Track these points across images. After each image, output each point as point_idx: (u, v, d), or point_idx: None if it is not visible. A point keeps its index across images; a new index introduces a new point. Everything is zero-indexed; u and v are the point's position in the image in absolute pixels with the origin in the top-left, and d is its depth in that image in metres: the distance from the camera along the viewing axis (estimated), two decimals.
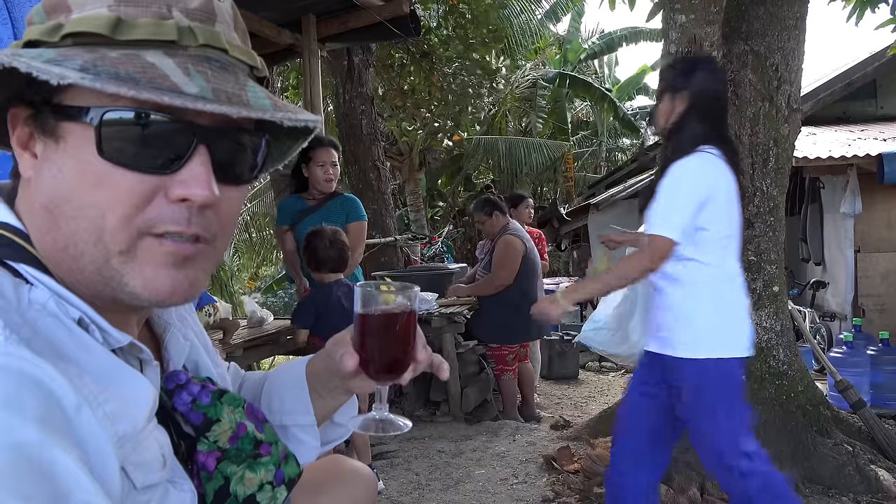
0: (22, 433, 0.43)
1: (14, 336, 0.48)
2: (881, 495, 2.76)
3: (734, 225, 1.99)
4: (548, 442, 3.67)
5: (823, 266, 6.38)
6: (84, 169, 0.56)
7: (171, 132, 0.57)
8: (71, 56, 0.53)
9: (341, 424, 0.95)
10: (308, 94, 4.56)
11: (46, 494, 0.43)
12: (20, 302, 0.53)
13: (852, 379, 3.47)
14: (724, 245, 1.97)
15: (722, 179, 1.93)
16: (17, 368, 0.46)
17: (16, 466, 0.42)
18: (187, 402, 0.68)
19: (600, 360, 6.28)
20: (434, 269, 5.54)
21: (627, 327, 3.43)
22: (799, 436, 2.99)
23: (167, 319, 0.73)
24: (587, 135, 16.43)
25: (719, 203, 1.91)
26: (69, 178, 0.57)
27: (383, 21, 4.37)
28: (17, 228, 0.58)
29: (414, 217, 11.10)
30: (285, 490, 0.72)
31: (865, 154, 5.53)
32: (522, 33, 10.57)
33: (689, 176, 1.91)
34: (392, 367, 0.76)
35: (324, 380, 0.85)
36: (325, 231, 2.91)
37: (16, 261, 0.55)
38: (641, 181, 8.23)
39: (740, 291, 2.00)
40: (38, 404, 0.46)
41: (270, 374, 0.91)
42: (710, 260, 1.94)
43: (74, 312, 0.56)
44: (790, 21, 3.25)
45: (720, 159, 1.93)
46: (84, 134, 0.56)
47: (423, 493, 3.02)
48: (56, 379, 0.48)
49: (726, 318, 1.96)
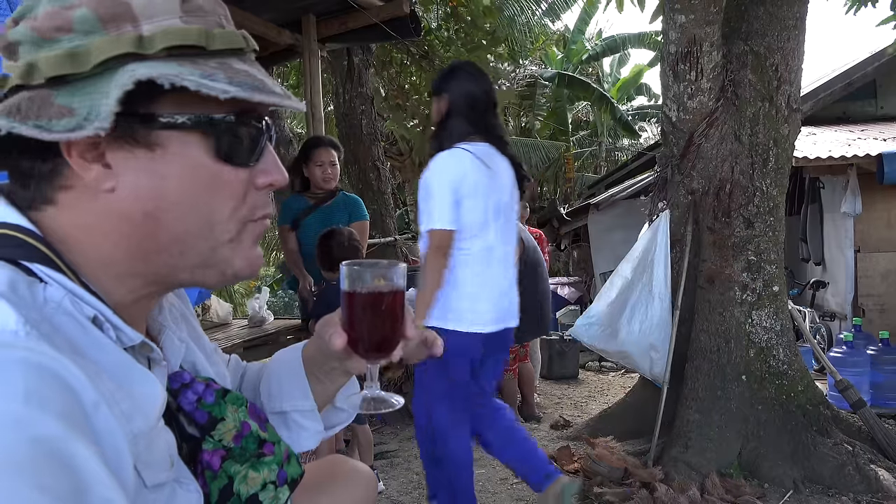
0: (44, 427, 0.44)
1: (34, 331, 0.48)
2: (881, 495, 2.76)
3: (488, 212, 2.20)
4: (548, 442, 3.67)
5: (823, 266, 6.38)
6: (196, 172, 0.60)
7: (256, 128, 0.64)
8: (199, 69, 0.57)
9: (344, 409, 0.95)
10: (308, 94, 4.56)
11: (66, 487, 0.43)
12: (36, 300, 0.53)
13: (852, 379, 3.47)
14: (476, 232, 2.19)
15: (470, 171, 2.16)
16: (38, 363, 0.46)
17: (37, 459, 0.42)
18: (192, 401, 0.69)
19: (600, 360, 6.28)
20: None
21: (617, 324, 3.45)
22: (799, 436, 3.00)
23: (161, 321, 0.73)
24: (587, 135, 16.43)
25: (467, 193, 2.15)
26: (177, 182, 0.60)
27: (380, 24, 4.37)
28: (29, 229, 0.58)
29: (414, 217, 11.11)
30: (287, 490, 0.73)
31: (865, 154, 5.53)
32: (523, 33, 10.57)
33: (438, 171, 2.17)
34: (381, 345, 0.76)
35: (320, 363, 0.85)
36: (342, 232, 2.95)
37: (29, 260, 0.55)
38: (641, 181, 8.24)
39: (490, 276, 2.23)
40: (58, 399, 0.46)
41: (269, 362, 0.92)
42: (463, 245, 2.19)
43: (89, 311, 0.57)
44: (790, 21, 3.25)
45: (471, 154, 2.17)
46: (186, 139, 0.59)
47: (423, 492, 3.02)
48: (76, 375, 0.48)
49: (466, 298, 2.20)
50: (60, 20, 0.56)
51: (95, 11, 0.56)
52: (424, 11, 7.41)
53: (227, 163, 0.62)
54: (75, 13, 0.56)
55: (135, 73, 0.54)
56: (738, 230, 3.23)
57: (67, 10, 0.56)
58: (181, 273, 0.64)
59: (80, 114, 0.54)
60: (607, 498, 2.80)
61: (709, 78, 3.14)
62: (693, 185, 3.34)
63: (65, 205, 0.60)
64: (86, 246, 0.60)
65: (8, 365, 0.45)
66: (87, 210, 0.59)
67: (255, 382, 0.91)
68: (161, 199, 0.59)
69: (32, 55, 0.56)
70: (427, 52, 7.81)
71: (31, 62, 0.56)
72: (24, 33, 0.57)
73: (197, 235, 0.62)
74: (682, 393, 3.24)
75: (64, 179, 0.59)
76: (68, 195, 0.59)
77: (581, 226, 9.46)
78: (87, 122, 0.54)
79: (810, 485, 2.88)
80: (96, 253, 0.60)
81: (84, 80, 0.56)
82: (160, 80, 0.54)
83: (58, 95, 0.55)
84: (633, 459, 3.09)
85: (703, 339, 3.27)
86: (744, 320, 3.19)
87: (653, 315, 3.33)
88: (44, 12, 0.57)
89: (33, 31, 0.57)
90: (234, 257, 0.65)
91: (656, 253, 3.37)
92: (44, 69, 0.55)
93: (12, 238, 0.56)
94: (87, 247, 0.60)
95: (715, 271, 3.27)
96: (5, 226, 0.57)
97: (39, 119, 0.54)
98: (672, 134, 3.39)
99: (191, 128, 0.59)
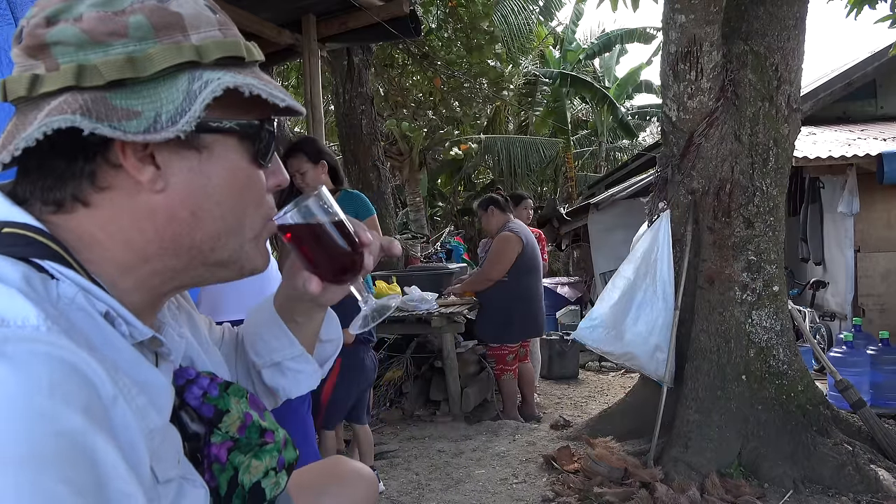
0: (68, 421, 0.44)
1: (55, 326, 0.49)
2: (881, 495, 2.76)
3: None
4: (548, 442, 3.67)
5: (823, 266, 6.38)
6: (235, 174, 0.65)
7: (270, 132, 0.68)
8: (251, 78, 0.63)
9: (331, 339, 0.99)
10: (308, 94, 4.57)
11: (88, 481, 0.44)
12: (50, 295, 0.54)
13: (852, 379, 3.47)
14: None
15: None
16: (60, 357, 0.47)
17: (61, 453, 0.43)
18: (198, 395, 0.70)
19: (600, 360, 6.28)
20: (434, 269, 5.55)
21: (622, 326, 3.44)
22: (799, 436, 3.00)
23: (160, 318, 0.74)
24: (587, 134, 16.43)
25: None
26: (220, 182, 0.64)
27: (381, 22, 4.37)
28: (36, 227, 0.58)
29: (414, 217, 11.11)
30: (286, 475, 0.75)
31: (865, 154, 5.53)
32: (519, 35, 10.57)
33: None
34: (348, 265, 0.77)
35: (293, 307, 0.88)
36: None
37: (40, 258, 0.56)
38: (641, 181, 8.23)
39: None
40: (80, 393, 0.47)
41: (245, 324, 0.94)
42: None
43: (101, 306, 0.57)
44: (790, 21, 3.25)
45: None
46: (227, 143, 0.64)
47: (423, 493, 3.02)
48: (94, 369, 0.49)
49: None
50: (114, 25, 0.58)
51: (150, 19, 0.59)
52: (424, 13, 7.41)
53: (258, 166, 0.67)
54: (130, 19, 0.58)
55: (221, 81, 0.59)
56: (738, 230, 3.23)
57: (120, 16, 0.58)
58: (203, 270, 0.67)
59: (148, 116, 0.57)
60: (607, 498, 2.80)
61: (709, 78, 3.14)
62: (693, 184, 3.34)
63: (99, 205, 0.60)
64: (109, 245, 0.61)
65: (33, 359, 0.46)
66: (124, 209, 0.60)
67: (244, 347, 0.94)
68: (206, 199, 0.63)
69: (80, 57, 0.57)
70: (427, 52, 7.81)
71: (84, 64, 0.57)
72: (71, 34, 0.57)
73: (229, 233, 0.66)
74: (682, 393, 3.24)
75: (102, 180, 0.60)
76: (104, 195, 0.60)
77: (581, 225, 9.46)
78: (157, 124, 0.57)
79: (810, 485, 2.88)
80: (122, 252, 0.61)
81: (142, 83, 0.58)
82: (243, 88, 0.60)
83: (114, 98, 0.57)
84: (633, 459, 3.09)
85: (703, 339, 3.27)
86: (744, 320, 3.19)
87: (658, 316, 3.31)
88: (92, 16, 0.58)
89: (84, 34, 0.57)
90: (255, 254, 0.69)
91: (659, 253, 3.37)
92: (105, 72, 0.56)
93: (21, 236, 0.56)
94: (112, 246, 0.61)
95: (715, 271, 3.27)
96: (13, 224, 0.57)
97: (111, 120, 0.56)
98: (672, 134, 3.39)
99: (232, 132, 0.64)
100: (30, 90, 0.57)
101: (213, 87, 0.58)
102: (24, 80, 0.57)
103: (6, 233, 0.56)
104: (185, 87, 0.59)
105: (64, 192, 0.59)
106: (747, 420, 3.06)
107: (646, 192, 5.34)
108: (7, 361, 0.44)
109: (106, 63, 0.57)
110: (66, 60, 0.57)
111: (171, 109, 0.58)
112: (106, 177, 0.59)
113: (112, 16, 0.58)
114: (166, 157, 0.60)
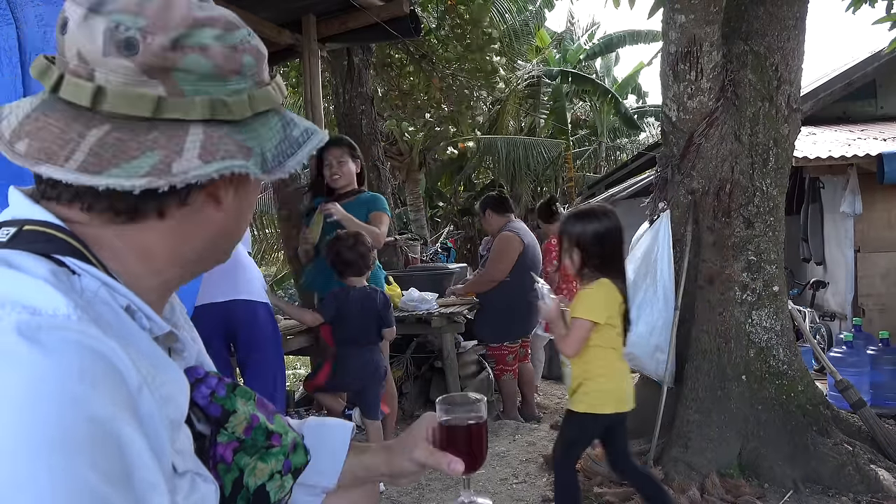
0: (99, 407, 0.46)
1: (85, 315, 0.51)
2: (881, 495, 2.76)
3: None
4: (548, 442, 3.67)
5: (823, 266, 6.38)
6: (251, 202, 0.71)
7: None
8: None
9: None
10: (308, 94, 4.56)
11: (116, 468, 0.45)
12: (75, 288, 0.55)
13: (852, 379, 3.47)
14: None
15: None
16: (90, 346, 0.49)
17: (92, 438, 0.44)
18: (206, 395, 0.71)
19: None
20: (434, 269, 5.54)
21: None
22: (799, 436, 3.00)
23: (174, 321, 0.75)
24: (587, 134, 16.42)
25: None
26: (246, 209, 0.70)
27: (381, 22, 4.37)
28: (56, 224, 0.59)
29: (414, 217, 11.11)
30: (291, 479, 0.76)
31: (865, 154, 5.52)
32: (516, 35, 10.57)
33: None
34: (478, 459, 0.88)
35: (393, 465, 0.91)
36: (347, 236, 2.99)
37: (61, 254, 0.57)
38: (641, 181, 8.23)
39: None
40: (109, 381, 0.49)
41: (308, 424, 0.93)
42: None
43: (122, 300, 0.59)
44: (790, 21, 3.25)
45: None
46: (255, 180, 0.66)
47: (423, 492, 3.02)
48: (122, 358, 0.51)
49: None
50: (234, 63, 0.61)
51: (254, 59, 0.64)
52: (423, 11, 7.41)
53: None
54: (244, 58, 0.62)
55: (318, 136, 0.66)
56: (738, 230, 3.23)
57: (237, 54, 0.61)
58: (213, 262, 0.72)
59: (257, 152, 0.61)
60: (607, 498, 2.80)
61: (709, 78, 3.14)
62: (693, 185, 3.33)
63: (172, 217, 0.62)
64: (173, 247, 0.64)
65: (65, 346, 0.47)
66: (190, 222, 0.64)
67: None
68: (238, 222, 0.69)
69: (201, 88, 0.59)
70: (426, 52, 7.81)
71: (215, 98, 0.59)
72: (203, 66, 0.59)
73: (237, 241, 0.72)
74: (682, 393, 3.24)
75: (183, 198, 0.62)
76: (181, 210, 0.62)
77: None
78: (266, 163, 0.62)
79: (810, 485, 2.88)
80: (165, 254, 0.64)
81: (244, 121, 0.62)
82: (324, 137, 0.66)
83: (233, 133, 0.60)
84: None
85: (703, 339, 3.26)
86: (744, 320, 3.19)
87: (658, 316, 3.31)
88: (218, 50, 0.60)
89: (215, 69, 0.60)
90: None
91: (659, 253, 3.36)
92: (234, 109, 0.60)
93: (42, 234, 0.58)
94: (172, 250, 0.64)
95: (715, 271, 3.27)
96: (34, 222, 0.58)
97: (235, 159, 0.59)
98: (672, 134, 3.39)
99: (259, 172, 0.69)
100: (155, 112, 0.57)
101: (316, 141, 0.65)
102: (149, 100, 0.57)
103: (28, 230, 0.57)
104: (278, 127, 0.64)
105: (153, 204, 0.60)
106: (747, 420, 3.06)
107: (646, 192, 5.35)
108: (41, 348, 0.46)
109: (235, 101, 0.60)
110: (190, 90, 0.58)
111: (271, 148, 0.62)
112: (188, 195, 0.62)
113: (232, 52, 0.61)
114: (229, 194, 0.65)
